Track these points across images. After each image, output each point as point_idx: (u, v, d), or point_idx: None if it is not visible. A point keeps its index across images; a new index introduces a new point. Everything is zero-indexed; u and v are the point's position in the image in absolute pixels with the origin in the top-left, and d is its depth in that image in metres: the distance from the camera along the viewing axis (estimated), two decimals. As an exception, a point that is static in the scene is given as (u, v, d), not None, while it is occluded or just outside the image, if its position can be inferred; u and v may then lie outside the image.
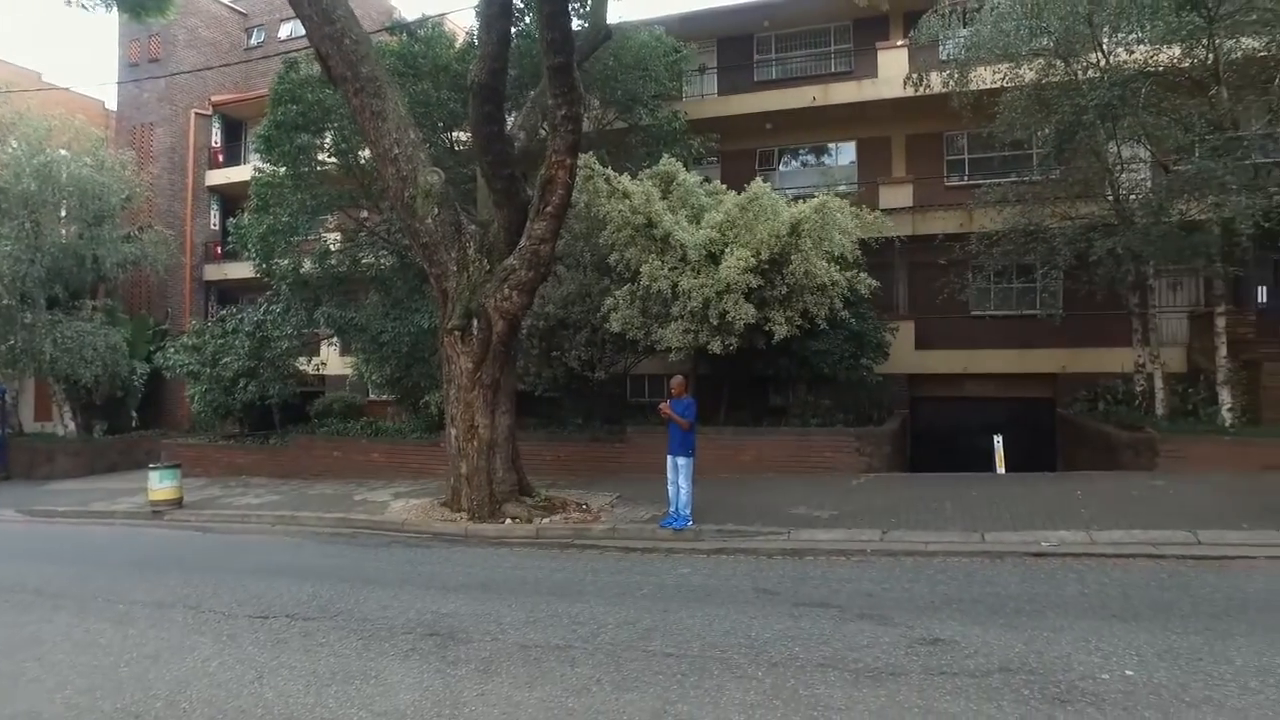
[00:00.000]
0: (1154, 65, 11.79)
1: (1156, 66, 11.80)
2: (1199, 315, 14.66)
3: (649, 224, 12.83)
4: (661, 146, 16.38)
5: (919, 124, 18.13)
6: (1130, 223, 12.07)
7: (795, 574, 7.64)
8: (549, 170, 10.00)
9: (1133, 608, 6.00)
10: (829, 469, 12.99)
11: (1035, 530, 8.61)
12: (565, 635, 5.92)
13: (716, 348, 12.63)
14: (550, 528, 10.64)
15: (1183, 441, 11.41)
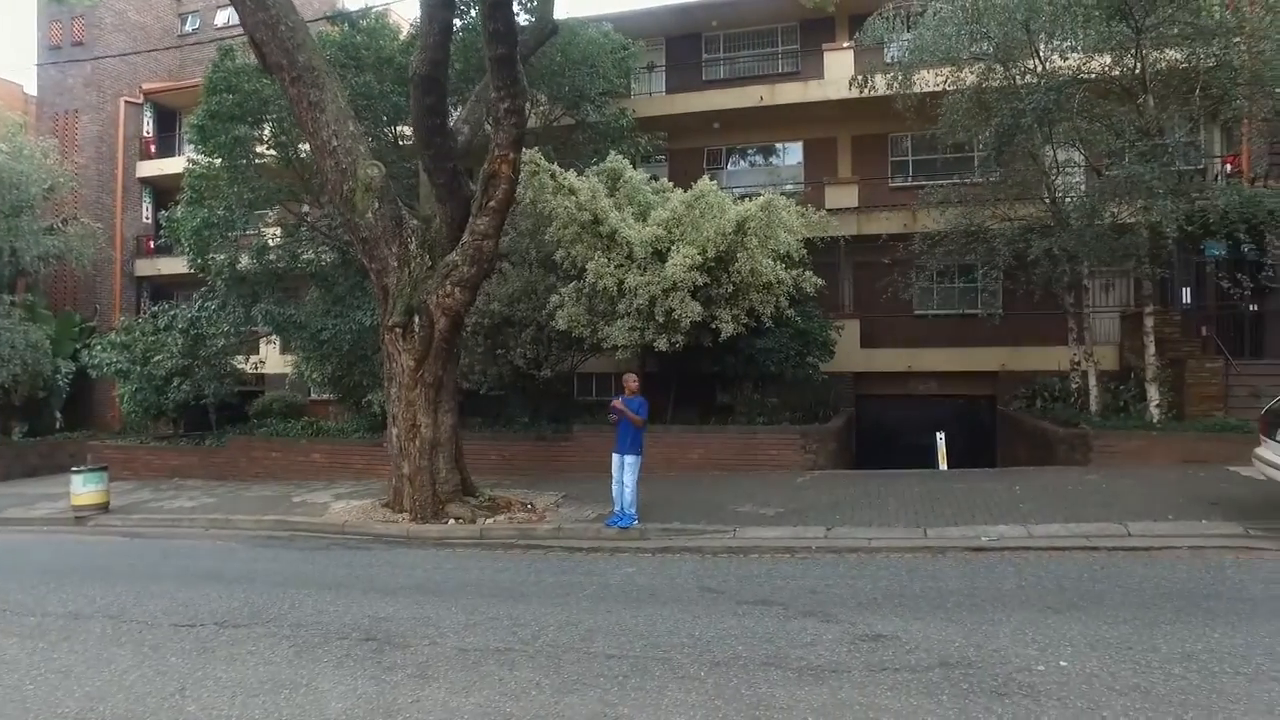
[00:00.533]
0: (1087, 72, 12.13)
1: (1089, 73, 12.13)
2: (1129, 315, 15.14)
3: (595, 221, 12.73)
4: (609, 144, 16.31)
5: (864, 125, 18.37)
6: (1066, 224, 12.39)
7: (740, 572, 7.62)
8: (492, 165, 9.83)
9: (1067, 599, 6.12)
10: (775, 466, 13.06)
11: (976, 525, 8.76)
12: (506, 638, 5.80)
13: (663, 346, 12.59)
14: (494, 528, 10.47)
15: (1115, 437, 11.76)
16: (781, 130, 19.56)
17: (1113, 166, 11.65)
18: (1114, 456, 11.53)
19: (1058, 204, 13.11)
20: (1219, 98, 12.05)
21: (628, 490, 9.79)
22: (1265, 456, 8.51)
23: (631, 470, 9.74)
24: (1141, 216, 11.67)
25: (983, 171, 15.42)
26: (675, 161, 19.70)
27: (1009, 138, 12.39)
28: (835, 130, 19.04)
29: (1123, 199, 11.66)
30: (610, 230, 12.66)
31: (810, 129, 19.21)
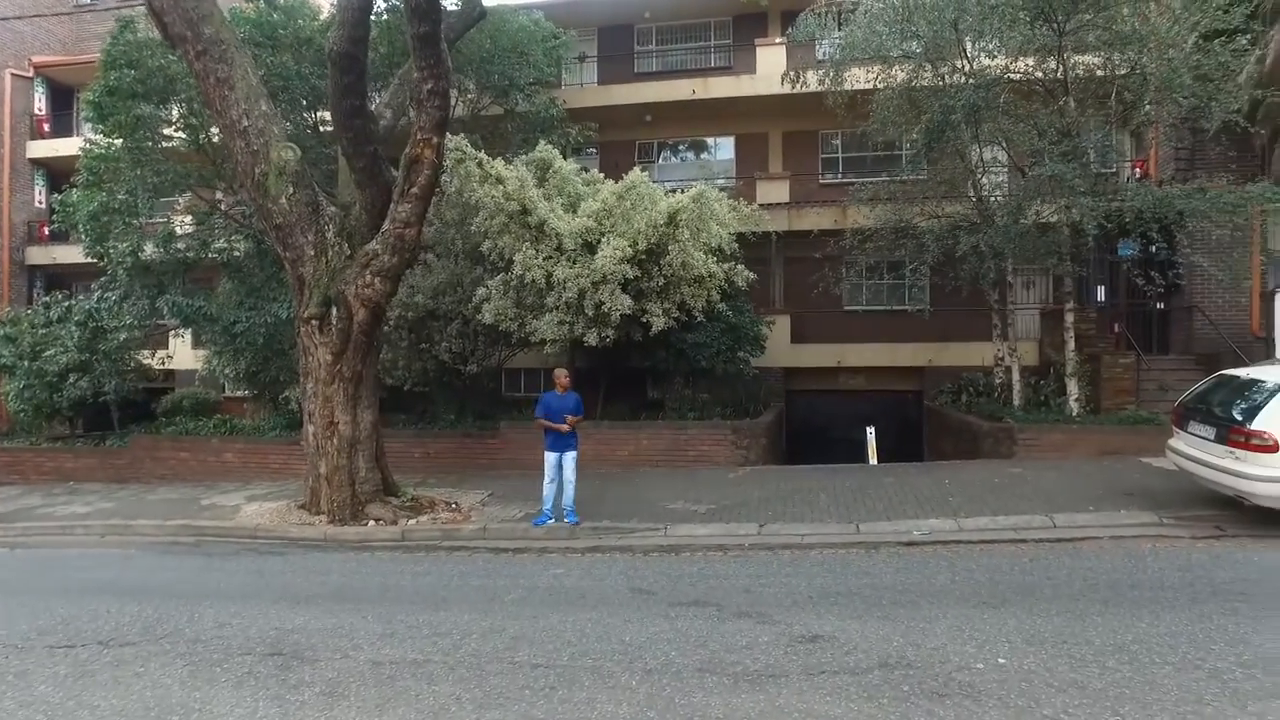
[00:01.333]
0: (1014, 71, 12.34)
1: (1016, 73, 12.35)
2: (1049, 312, 15.59)
3: (523, 211, 12.37)
4: (538, 134, 15.95)
5: (796, 121, 18.46)
6: (991, 222, 12.61)
7: (672, 571, 7.42)
8: (414, 149, 9.37)
9: (1000, 594, 6.12)
10: (706, 462, 12.94)
11: (907, 519, 8.78)
12: (424, 648, 5.45)
13: (592, 340, 12.32)
14: (417, 529, 10.04)
15: (1037, 431, 12.02)
16: (713, 124, 19.51)
17: (1036, 166, 11.87)
18: (1037, 449, 11.79)
19: (984, 202, 13.35)
20: (1131, 103, 12.43)
21: (571, 487, 9.52)
22: (1177, 447, 8.77)
23: (576, 466, 9.48)
24: (1063, 215, 11.95)
25: (912, 169, 15.63)
26: (606, 154, 19.44)
27: (938, 135, 12.54)
28: (767, 125, 19.10)
29: (1045, 197, 11.91)
30: (539, 221, 12.32)
31: (742, 124, 19.21)
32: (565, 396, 9.53)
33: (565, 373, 9.81)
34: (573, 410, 9.44)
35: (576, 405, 9.55)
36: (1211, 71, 11.13)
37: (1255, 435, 7.48)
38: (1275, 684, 4.34)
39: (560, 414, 9.39)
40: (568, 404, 9.46)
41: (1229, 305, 14.38)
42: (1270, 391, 7.73)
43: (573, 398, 9.58)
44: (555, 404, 9.48)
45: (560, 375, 9.74)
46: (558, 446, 9.48)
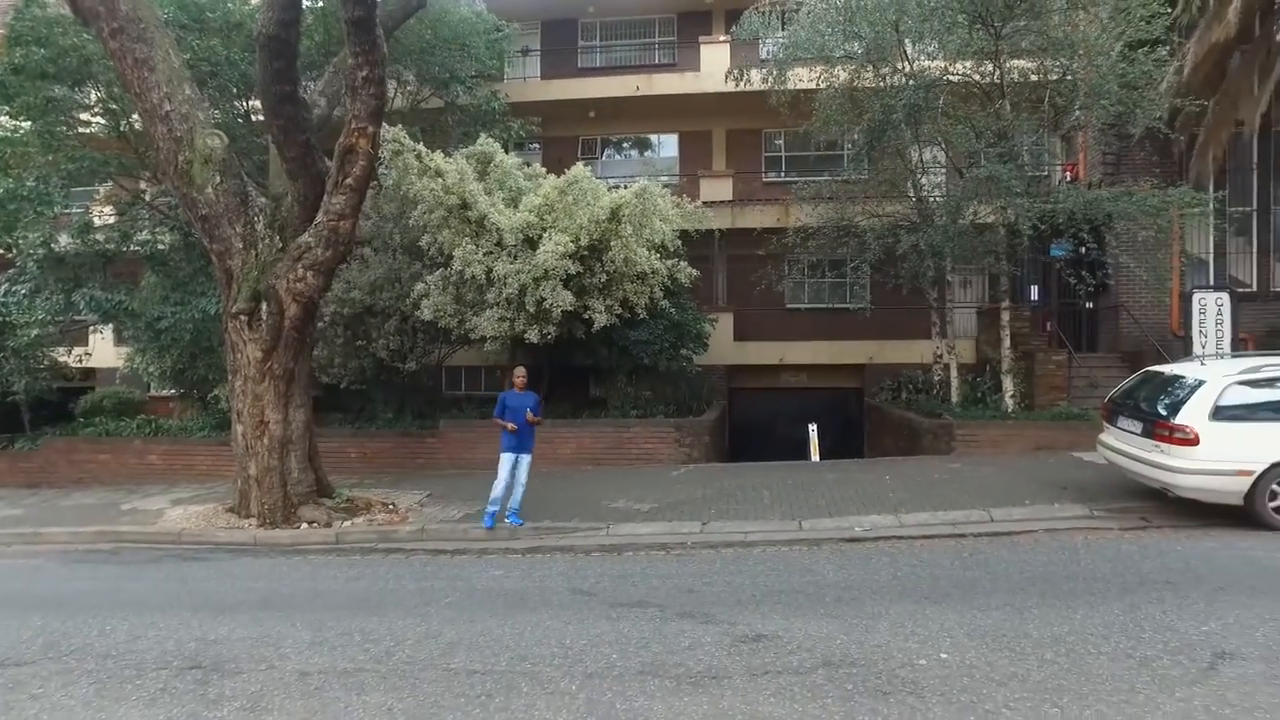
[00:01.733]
0: (952, 73, 12.55)
1: (954, 75, 12.57)
2: (985, 311, 15.96)
3: (463, 205, 12.10)
4: (480, 128, 15.66)
5: (740, 120, 18.55)
6: (930, 221, 12.83)
7: (614, 572, 7.30)
8: (348, 138, 9.03)
9: (941, 588, 6.16)
10: (649, 460, 12.87)
11: (849, 516, 8.82)
12: (356, 657, 5.22)
13: (534, 337, 12.13)
14: (352, 531, 9.71)
15: (975, 427, 12.27)
16: (657, 121, 19.49)
17: (974, 167, 12.11)
18: (975, 445, 12.03)
19: (923, 202, 13.58)
20: (1062, 108, 12.78)
21: (521, 489, 9.30)
22: (1107, 442, 9.02)
23: (527, 468, 9.28)
24: (999, 216, 12.21)
25: (853, 169, 15.81)
26: (550, 150, 19.26)
27: (879, 134, 12.69)
28: (711, 123, 19.15)
29: (983, 198, 12.15)
30: (479, 215, 12.06)
31: (686, 121, 19.23)
32: (524, 395, 9.25)
33: (523, 371, 9.52)
34: (532, 409, 9.17)
35: (535, 405, 9.28)
36: (1136, 79, 11.53)
37: (1178, 429, 7.73)
38: (1199, 670, 4.47)
39: (518, 413, 9.08)
40: (526, 403, 9.18)
41: (1152, 305, 14.91)
42: (1191, 387, 7.99)
43: (531, 397, 9.31)
44: (514, 403, 9.16)
45: (518, 374, 9.45)
46: (514, 447, 9.16)
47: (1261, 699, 4.10)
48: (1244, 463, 7.59)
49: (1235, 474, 7.60)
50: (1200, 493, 7.78)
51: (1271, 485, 7.62)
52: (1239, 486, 7.62)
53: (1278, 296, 15.55)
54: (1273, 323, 14.81)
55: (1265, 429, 7.71)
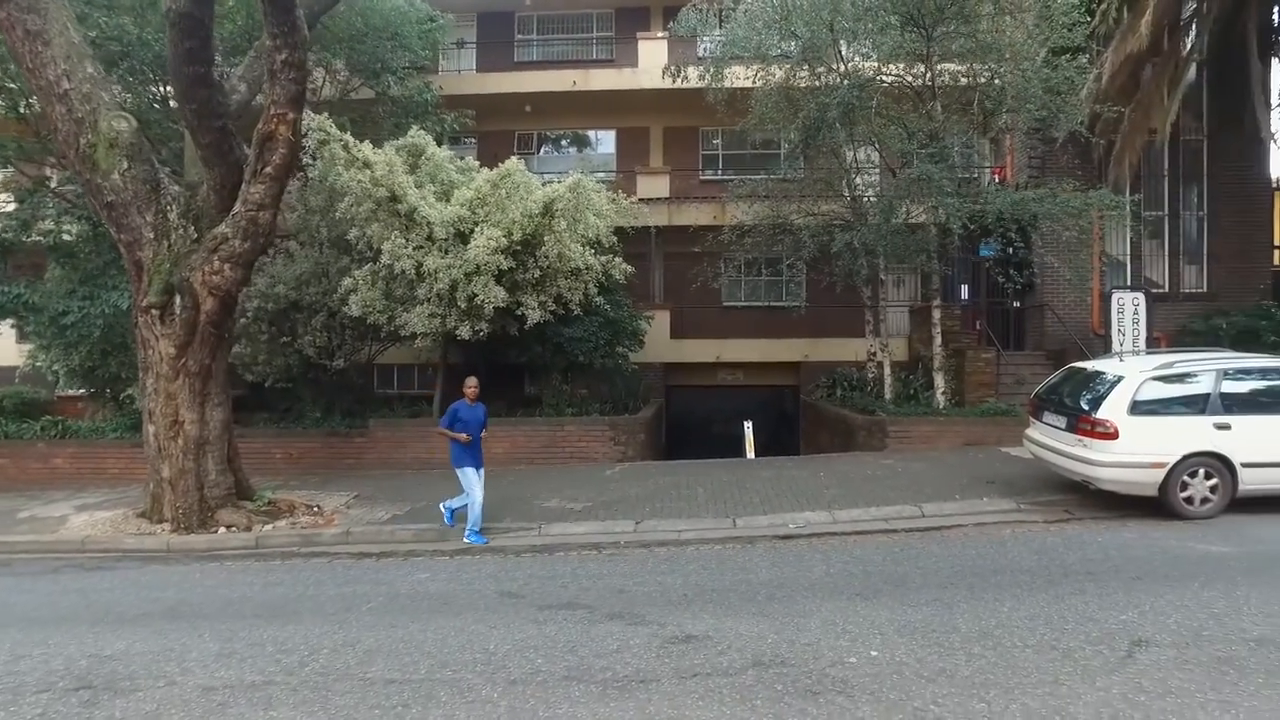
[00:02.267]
0: (887, 72, 12.70)
1: (889, 74, 12.72)
2: (917, 309, 16.25)
3: (393, 198, 11.74)
4: (412, 120, 15.24)
5: (677, 117, 18.51)
6: (864, 220, 12.97)
7: (544, 573, 7.12)
8: (268, 124, 8.62)
9: (873, 585, 6.16)
10: (584, 459, 12.70)
11: (783, 513, 8.81)
12: (266, 668, 4.93)
13: (465, 333, 11.85)
14: (273, 535, 9.31)
15: (907, 423, 12.44)
16: (594, 118, 19.32)
17: (906, 167, 12.28)
18: (907, 441, 12.21)
19: (858, 201, 13.73)
20: (990, 111, 13.05)
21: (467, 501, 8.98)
22: (1033, 436, 9.23)
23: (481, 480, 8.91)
24: (930, 215, 12.41)
25: (789, 167, 15.91)
26: (485, 144, 18.92)
27: (814, 132, 12.76)
28: (648, 120, 19.07)
29: (915, 198, 12.33)
30: (409, 208, 11.73)
31: (623, 118, 19.09)
32: (475, 407, 8.83)
33: (475, 381, 9.03)
34: (481, 422, 8.79)
35: (485, 417, 8.93)
36: (1059, 85, 11.87)
37: (1099, 424, 7.93)
38: (1118, 658, 4.55)
39: (471, 425, 8.66)
40: (478, 415, 8.79)
41: (1075, 304, 15.39)
42: (1111, 383, 8.22)
43: (482, 408, 8.94)
44: (467, 415, 8.72)
45: (470, 385, 8.95)
46: (474, 460, 8.71)
47: (1174, 684, 4.18)
48: (1159, 455, 7.84)
49: (1151, 466, 7.84)
50: (1119, 485, 8.00)
51: (1183, 477, 7.89)
52: (1154, 478, 7.87)
53: (1188, 298, 16.23)
54: (1183, 322, 15.42)
55: (1177, 423, 7.99)
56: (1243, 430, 7.89)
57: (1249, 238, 16.37)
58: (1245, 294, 15.98)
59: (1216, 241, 16.34)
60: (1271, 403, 8.12)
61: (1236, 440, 7.85)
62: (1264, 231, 16.60)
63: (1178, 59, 14.16)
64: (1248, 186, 16.34)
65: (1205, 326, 15.02)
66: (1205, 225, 16.53)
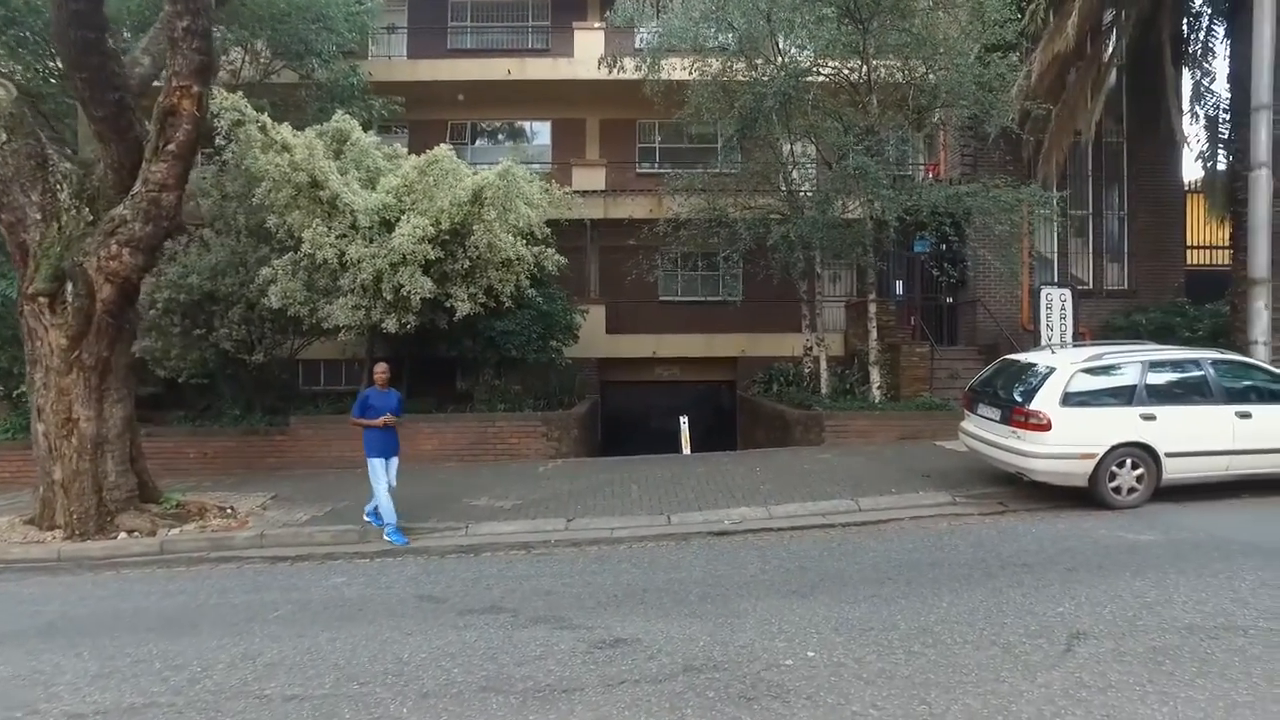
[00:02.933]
0: (824, 63, 12.62)
1: (826, 65, 12.64)
2: (853, 305, 16.32)
3: (314, 184, 11.17)
4: (338, 105, 14.59)
5: (614, 109, 18.23)
6: (801, 213, 12.89)
7: (469, 575, 6.74)
8: (169, 98, 7.99)
9: (809, 581, 5.96)
10: (516, 456, 12.31)
11: (719, 509, 8.60)
12: (150, 688, 4.45)
13: (392, 326, 11.35)
14: (180, 540, 8.66)
15: (844, 417, 12.40)
16: (530, 108, 18.91)
17: (843, 160, 12.22)
18: (844, 435, 12.16)
19: (794, 195, 13.65)
20: (924, 107, 13.12)
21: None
22: (968, 429, 9.22)
23: (396, 473, 8.48)
24: (866, 209, 12.39)
25: (726, 160, 15.80)
26: (416, 134, 18.31)
27: (751, 122, 12.60)
28: (585, 112, 18.76)
29: (851, 191, 12.29)
30: (332, 195, 11.18)
31: (559, 109, 18.74)
32: (386, 394, 8.39)
33: (385, 367, 8.61)
34: (394, 410, 8.35)
35: (399, 404, 8.49)
36: (992, 81, 11.95)
37: (1033, 415, 7.93)
38: (1057, 652, 4.43)
39: (382, 414, 8.23)
40: (390, 403, 8.33)
41: (1006, 300, 15.64)
42: (1044, 375, 8.23)
43: (395, 395, 8.48)
44: (378, 402, 8.29)
45: (380, 370, 8.52)
46: (384, 450, 8.28)
47: (1113, 677, 4.07)
48: (1089, 446, 7.89)
49: (1081, 457, 7.88)
50: (1052, 476, 8.03)
51: (1111, 467, 7.95)
52: (1084, 469, 7.91)
53: (1110, 294, 16.69)
54: (1106, 318, 15.84)
55: (1106, 414, 8.05)
56: (1167, 420, 8.00)
57: (1164, 238, 16.91)
58: (1162, 291, 16.52)
59: (1136, 241, 16.85)
60: (1193, 393, 8.26)
61: (1161, 430, 7.96)
62: (1178, 232, 17.17)
63: (1100, 63, 14.50)
64: (1163, 189, 16.89)
65: (1126, 322, 15.45)
66: (1125, 225, 17.03)
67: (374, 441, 8.24)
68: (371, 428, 8.21)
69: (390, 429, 8.32)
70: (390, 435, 8.34)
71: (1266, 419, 8.20)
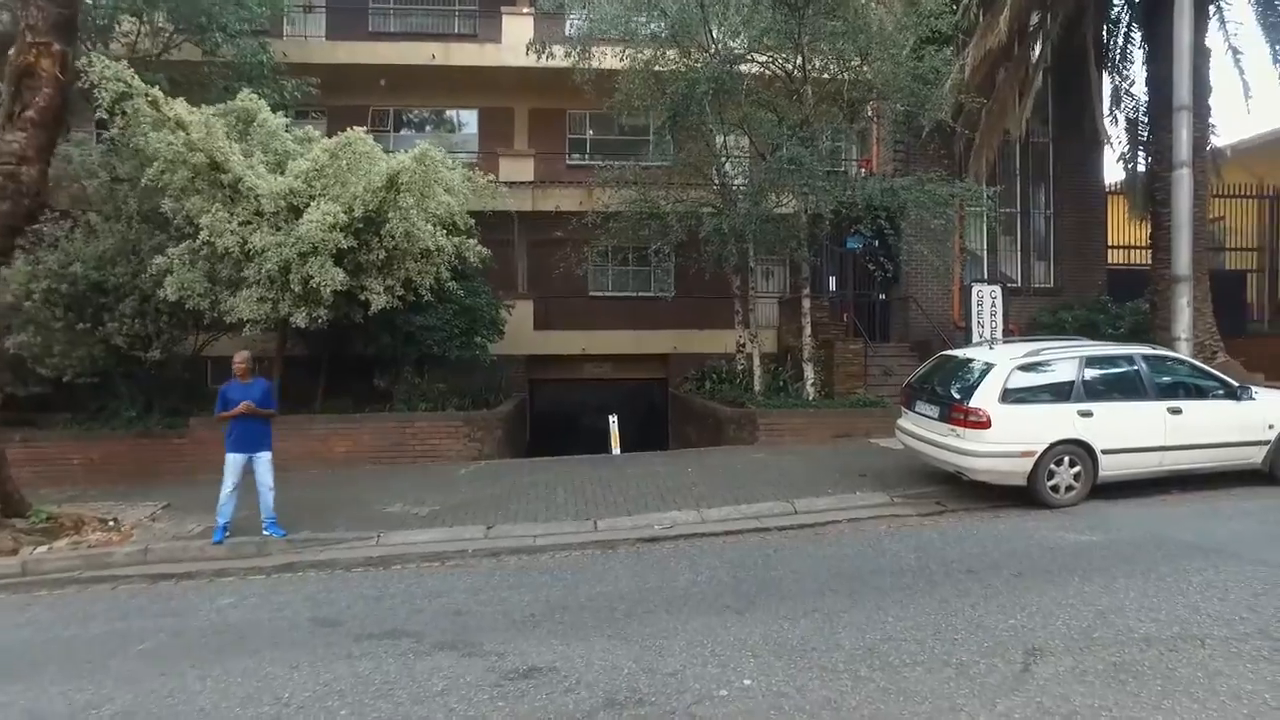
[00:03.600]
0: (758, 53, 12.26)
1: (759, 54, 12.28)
2: (787, 301, 16.08)
3: (214, 166, 10.27)
4: (246, 84, 13.58)
5: (543, 99, 17.61)
6: (734, 206, 12.53)
7: (373, 592, 6.09)
8: (25, 56, 7.06)
9: (745, 594, 5.51)
10: (437, 457, 11.60)
11: (649, 513, 8.12)
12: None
13: (301, 320, 10.54)
14: (48, 558, 7.72)
15: (778, 416, 12.06)
16: (456, 96, 18.13)
17: (777, 151, 11.89)
18: (778, 434, 11.83)
19: (727, 188, 13.29)
20: (858, 100, 12.93)
21: (271, 493, 7.84)
22: (905, 427, 8.95)
23: (271, 469, 7.84)
24: (801, 202, 12.10)
25: (658, 152, 15.37)
26: (336, 120, 17.12)
27: (684, 109, 12.15)
28: (513, 101, 18.08)
29: (785, 182, 11.97)
30: (234, 178, 10.28)
31: (487, 97, 18.00)
32: (249, 386, 7.75)
33: (245, 356, 7.93)
34: (258, 399, 7.69)
35: (264, 396, 7.82)
36: (926, 74, 11.79)
37: (972, 412, 7.68)
38: (1014, 672, 4.08)
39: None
40: (252, 395, 7.71)
41: (938, 296, 15.63)
42: (982, 371, 8.01)
43: (260, 386, 7.82)
44: (237, 396, 7.68)
45: (238, 360, 7.85)
46: (242, 445, 7.75)
47: (1077, 700, 3.74)
48: (1028, 444, 7.68)
49: (1021, 455, 7.67)
50: (991, 475, 7.80)
51: (1050, 465, 7.77)
52: (1024, 467, 7.70)
53: (1037, 292, 16.88)
54: (1033, 315, 16.00)
55: (1045, 410, 7.87)
56: (1103, 417, 7.86)
57: (1088, 237, 17.21)
58: (1086, 289, 16.80)
59: (1061, 240, 17.09)
60: (1127, 390, 8.15)
61: (1098, 427, 7.81)
62: (1100, 231, 17.51)
63: (1028, 64, 14.61)
64: (1086, 189, 17.19)
65: (1052, 320, 15.62)
66: (1052, 224, 17.26)
67: (231, 434, 7.67)
68: (231, 418, 7.62)
69: (257, 421, 7.70)
70: (252, 428, 7.71)
71: (1196, 415, 8.15)
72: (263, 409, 7.75)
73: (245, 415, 7.65)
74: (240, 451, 7.71)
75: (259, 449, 7.79)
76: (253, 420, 7.71)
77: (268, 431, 7.91)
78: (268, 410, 7.83)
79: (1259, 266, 19.14)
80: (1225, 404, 8.33)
